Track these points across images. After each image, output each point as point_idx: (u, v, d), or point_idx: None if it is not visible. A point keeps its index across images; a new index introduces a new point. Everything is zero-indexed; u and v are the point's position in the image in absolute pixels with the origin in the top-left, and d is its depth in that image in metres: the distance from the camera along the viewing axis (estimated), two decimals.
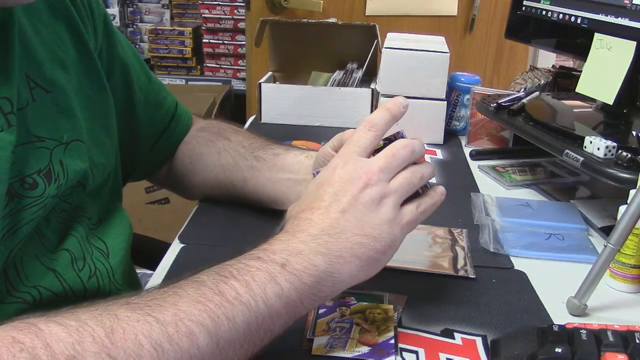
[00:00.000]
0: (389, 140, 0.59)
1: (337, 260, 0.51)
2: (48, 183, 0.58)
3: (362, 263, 0.52)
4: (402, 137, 0.59)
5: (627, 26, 0.83)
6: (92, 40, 0.69)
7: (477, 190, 0.94)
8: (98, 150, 0.67)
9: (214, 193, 0.84)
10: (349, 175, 0.55)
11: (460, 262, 0.71)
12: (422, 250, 0.73)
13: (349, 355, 0.53)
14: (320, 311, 0.60)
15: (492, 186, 0.97)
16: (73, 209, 0.65)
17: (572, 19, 0.94)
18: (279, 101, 1.24)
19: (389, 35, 1.21)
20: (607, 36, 0.85)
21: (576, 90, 0.90)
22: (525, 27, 1.09)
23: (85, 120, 0.65)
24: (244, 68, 2.62)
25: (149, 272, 0.87)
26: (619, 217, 0.64)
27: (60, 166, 0.60)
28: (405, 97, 0.61)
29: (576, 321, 0.57)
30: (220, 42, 2.66)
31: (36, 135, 0.58)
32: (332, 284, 0.51)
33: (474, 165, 1.05)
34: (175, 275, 0.67)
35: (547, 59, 2.05)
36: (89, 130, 0.65)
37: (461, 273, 0.69)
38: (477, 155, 1.08)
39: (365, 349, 0.54)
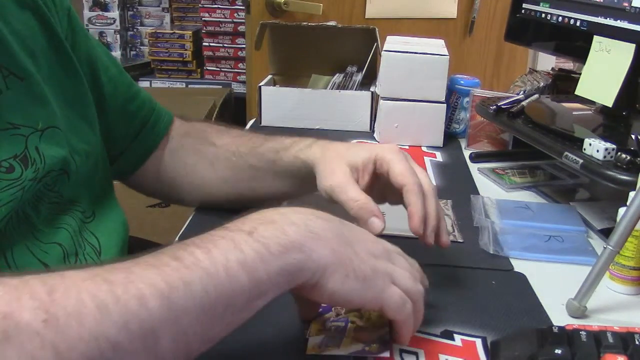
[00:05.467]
0: None
1: (311, 236, 0.48)
2: (25, 167, 0.58)
3: (336, 251, 0.49)
4: None
5: (626, 29, 0.83)
6: (61, 29, 0.68)
7: (476, 192, 0.94)
8: (77, 137, 0.66)
9: (215, 202, 0.83)
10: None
11: (449, 229, 0.75)
12: None
13: (344, 353, 0.53)
14: None
15: (491, 188, 0.97)
16: (65, 201, 0.65)
17: (572, 21, 0.94)
18: (279, 104, 1.24)
19: (389, 38, 1.21)
20: (606, 39, 0.85)
21: (575, 93, 0.91)
22: (525, 30, 1.10)
23: (60, 107, 0.64)
24: (244, 71, 2.62)
25: None
26: (618, 219, 0.64)
27: (37, 152, 0.60)
28: (404, 99, 0.61)
29: (576, 323, 0.57)
30: (221, 45, 2.66)
31: (10, 123, 0.58)
32: (301, 258, 0.46)
33: (473, 167, 1.05)
34: None
35: (547, 62, 2.05)
36: (65, 117, 0.65)
37: (450, 238, 0.68)
38: (476, 157, 1.08)
39: (359, 346, 0.54)
